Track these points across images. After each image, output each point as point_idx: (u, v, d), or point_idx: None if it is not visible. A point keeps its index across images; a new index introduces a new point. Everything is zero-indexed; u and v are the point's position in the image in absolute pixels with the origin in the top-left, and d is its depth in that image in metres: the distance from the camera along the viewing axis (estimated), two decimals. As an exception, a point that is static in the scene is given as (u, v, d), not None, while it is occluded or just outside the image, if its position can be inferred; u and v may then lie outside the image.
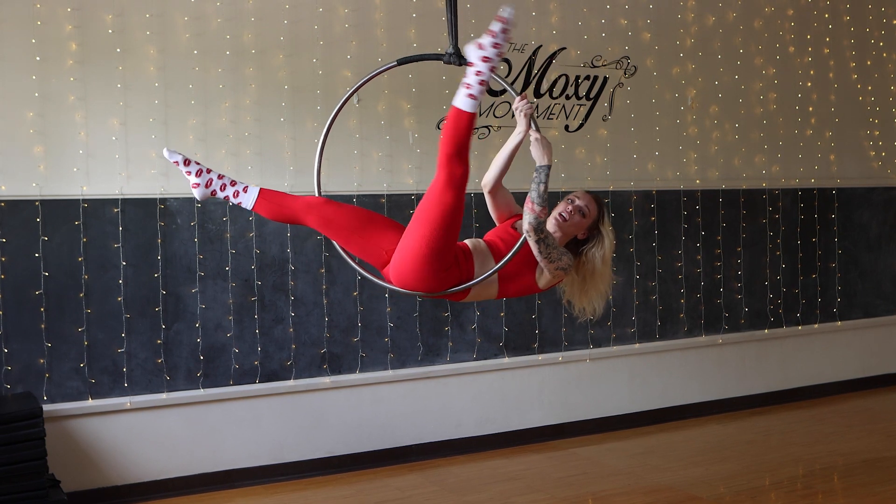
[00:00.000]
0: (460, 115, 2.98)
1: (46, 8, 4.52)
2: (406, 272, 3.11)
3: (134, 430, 4.71)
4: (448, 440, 5.44)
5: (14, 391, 4.49)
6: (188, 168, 3.21)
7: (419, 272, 3.09)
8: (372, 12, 5.21)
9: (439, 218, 3.03)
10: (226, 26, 4.87)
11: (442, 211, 3.03)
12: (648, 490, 4.70)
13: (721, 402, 6.29)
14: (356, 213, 3.22)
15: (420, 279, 3.12)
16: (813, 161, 6.65)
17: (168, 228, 4.78)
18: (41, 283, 4.53)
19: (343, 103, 3.43)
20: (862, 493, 4.54)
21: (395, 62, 3.36)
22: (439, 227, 3.04)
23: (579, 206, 3.33)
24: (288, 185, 4.99)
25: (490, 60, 3.00)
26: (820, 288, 6.67)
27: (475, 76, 2.98)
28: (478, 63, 2.99)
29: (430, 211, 3.04)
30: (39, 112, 4.52)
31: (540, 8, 5.65)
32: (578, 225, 3.33)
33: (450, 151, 3.00)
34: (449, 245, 3.10)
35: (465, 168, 3.03)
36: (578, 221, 3.33)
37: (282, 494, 4.79)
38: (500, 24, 3.01)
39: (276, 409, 5.00)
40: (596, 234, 3.37)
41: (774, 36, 6.46)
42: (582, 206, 3.33)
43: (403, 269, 3.11)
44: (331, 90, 5.11)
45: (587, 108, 5.81)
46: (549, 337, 5.71)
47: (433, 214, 3.04)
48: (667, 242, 6.08)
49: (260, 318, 4.97)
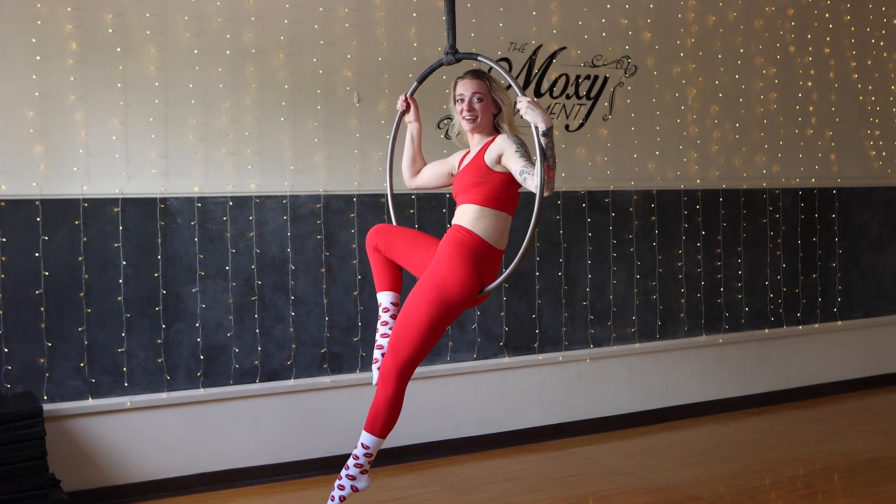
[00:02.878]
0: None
1: (46, 7, 4.52)
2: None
3: (134, 430, 4.71)
4: (448, 440, 5.44)
5: (14, 391, 4.49)
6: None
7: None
8: (372, 12, 5.21)
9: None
10: (226, 26, 4.88)
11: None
12: (649, 490, 4.70)
13: (721, 401, 6.29)
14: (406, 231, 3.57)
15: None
16: (813, 161, 6.65)
17: (168, 228, 4.78)
18: (41, 282, 4.53)
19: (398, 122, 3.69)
20: (862, 493, 4.54)
21: (446, 60, 3.46)
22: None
23: (470, 96, 3.38)
24: (288, 185, 5.00)
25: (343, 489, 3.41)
26: (820, 288, 6.66)
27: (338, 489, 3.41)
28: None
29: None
30: (39, 111, 4.52)
31: (540, 7, 5.65)
32: (485, 108, 3.38)
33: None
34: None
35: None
36: (483, 107, 3.38)
37: (282, 494, 4.79)
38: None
39: (276, 408, 5.01)
40: (498, 102, 3.43)
41: (775, 36, 6.46)
42: (470, 94, 3.38)
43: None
44: (331, 90, 5.11)
45: (587, 108, 5.81)
46: (549, 336, 5.71)
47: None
48: (667, 242, 6.08)
49: (260, 318, 4.97)
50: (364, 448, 3.34)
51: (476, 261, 3.30)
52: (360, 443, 3.35)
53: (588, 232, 5.80)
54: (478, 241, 3.32)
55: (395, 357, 3.31)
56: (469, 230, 3.34)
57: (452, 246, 3.32)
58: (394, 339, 3.33)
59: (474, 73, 3.43)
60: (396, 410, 3.32)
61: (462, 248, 3.31)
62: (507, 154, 3.25)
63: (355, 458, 3.36)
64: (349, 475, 3.37)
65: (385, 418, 3.31)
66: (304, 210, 5.06)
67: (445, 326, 3.34)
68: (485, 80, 3.41)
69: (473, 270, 3.29)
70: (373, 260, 3.56)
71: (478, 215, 3.34)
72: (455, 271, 3.28)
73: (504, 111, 3.44)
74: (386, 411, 3.30)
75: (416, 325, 3.28)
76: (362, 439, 3.34)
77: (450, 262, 3.30)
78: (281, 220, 5.01)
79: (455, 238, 3.34)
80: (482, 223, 3.34)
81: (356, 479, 3.37)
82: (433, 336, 3.31)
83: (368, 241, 3.55)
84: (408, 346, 3.30)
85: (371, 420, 3.31)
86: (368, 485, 3.40)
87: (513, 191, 3.37)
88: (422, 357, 3.35)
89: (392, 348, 3.33)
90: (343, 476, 3.38)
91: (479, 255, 3.32)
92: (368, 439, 3.32)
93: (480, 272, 3.32)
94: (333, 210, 5.13)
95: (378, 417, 3.31)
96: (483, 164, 3.32)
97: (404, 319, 3.32)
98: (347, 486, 3.38)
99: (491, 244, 3.35)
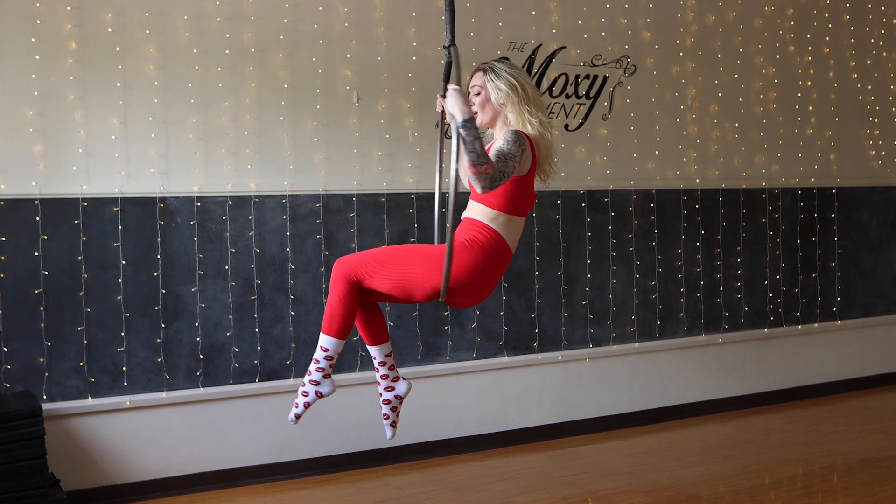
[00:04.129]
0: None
1: (46, 7, 4.52)
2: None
3: (133, 429, 4.71)
4: (448, 439, 5.44)
5: (14, 390, 4.49)
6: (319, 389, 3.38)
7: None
8: (372, 11, 5.21)
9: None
10: (225, 25, 4.87)
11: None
12: (648, 489, 4.70)
13: (721, 401, 6.29)
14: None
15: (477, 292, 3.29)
16: (813, 160, 6.65)
17: (168, 227, 4.78)
18: (41, 281, 4.53)
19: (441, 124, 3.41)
20: (861, 493, 4.54)
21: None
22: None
23: (472, 90, 3.30)
24: (287, 184, 5.00)
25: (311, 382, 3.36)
26: (820, 287, 6.67)
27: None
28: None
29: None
30: (39, 111, 4.52)
31: (540, 7, 5.65)
32: (484, 102, 3.28)
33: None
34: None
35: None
36: (481, 100, 3.27)
37: (282, 493, 4.79)
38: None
39: (275, 408, 5.00)
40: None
41: (774, 35, 6.46)
42: (472, 87, 3.30)
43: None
44: (330, 89, 5.11)
45: (587, 108, 5.82)
46: (548, 336, 5.71)
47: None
48: (666, 242, 6.08)
49: (260, 317, 4.97)
50: (323, 350, 3.29)
51: (491, 258, 3.20)
52: (318, 346, 3.31)
53: (587, 231, 5.80)
54: (497, 238, 3.22)
55: (356, 269, 3.23)
56: (485, 224, 3.22)
57: (466, 239, 3.22)
58: (372, 257, 3.26)
59: (478, 67, 3.34)
60: (346, 312, 3.25)
61: (475, 243, 3.19)
62: (495, 145, 3.15)
63: (316, 362, 3.31)
64: (312, 380, 3.32)
65: (335, 319, 3.25)
66: (303, 209, 5.06)
67: (415, 301, 3.26)
68: (485, 73, 3.29)
69: (485, 268, 3.21)
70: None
71: (489, 217, 3.23)
72: (466, 260, 3.18)
73: (509, 103, 3.26)
74: (335, 312, 3.24)
75: (402, 273, 3.19)
76: (320, 342, 3.30)
77: (464, 252, 3.18)
78: (280, 220, 5.01)
79: (471, 229, 3.23)
80: (495, 223, 3.24)
81: (319, 385, 3.33)
82: (403, 296, 3.23)
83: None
84: (378, 278, 3.21)
85: (326, 321, 3.27)
86: (332, 390, 3.34)
87: (520, 192, 3.22)
88: (376, 298, 3.30)
89: (363, 262, 3.24)
90: (306, 382, 3.33)
91: (495, 252, 3.21)
92: (326, 340, 3.28)
93: (492, 272, 3.23)
94: (333, 209, 5.13)
95: (329, 318, 3.26)
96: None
97: (400, 258, 3.23)
98: (312, 391, 3.33)
99: (507, 243, 3.24)
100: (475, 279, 3.19)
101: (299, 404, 3.34)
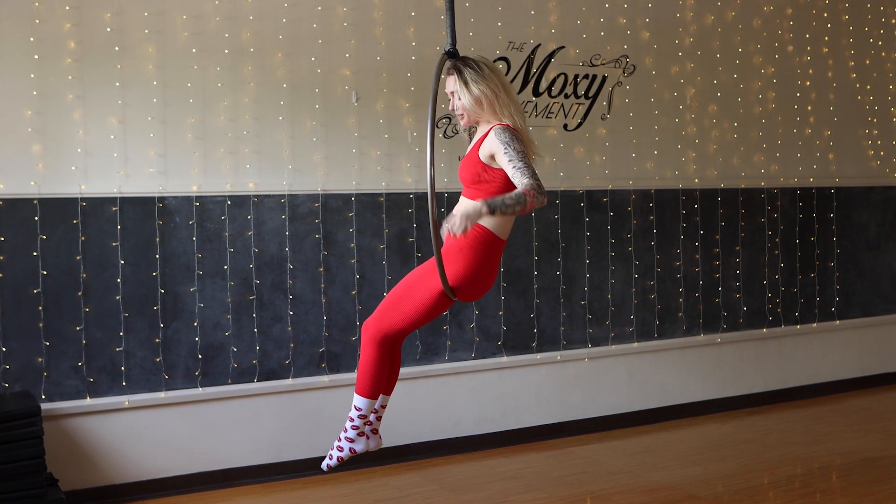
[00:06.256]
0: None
1: (45, 6, 4.52)
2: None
3: (132, 429, 4.71)
4: (446, 439, 5.44)
5: (12, 390, 4.48)
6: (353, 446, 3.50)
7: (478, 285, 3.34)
8: (370, 11, 5.20)
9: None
10: (224, 25, 4.87)
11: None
12: (647, 489, 4.70)
13: (719, 401, 6.30)
14: (393, 295, 3.38)
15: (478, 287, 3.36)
16: (811, 160, 6.65)
17: (166, 227, 4.78)
18: (39, 281, 4.53)
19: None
20: (860, 493, 4.54)
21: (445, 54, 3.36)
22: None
23: (451, 95, 3.35)
24: (286, 184, 5.00)
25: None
26: (818, 287, 6.67)
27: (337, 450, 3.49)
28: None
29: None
30: (38, 110, 4.52)
31: (539, 7, 5.65)
32: (464, 104, 3.33)
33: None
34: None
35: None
36: (462, 103, 3.31)
37: (280, 493, 4.79)
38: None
39: (274, 407, 5.00)
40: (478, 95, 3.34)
41: (773, 35, 6.47)
42: (449, 93, 3.36)
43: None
44: (329, 89, 5.11)
45: (586, 107, 5.82)
46: (547, 336, 5.71)
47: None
48: (665, 242, 6.08)
49: (258, 317, 4.97)
50: (357, 410, 3.43)
51: (485, 252, 3.28)
52: (353, 405, 3.43)
53: (586, 231, 5.81)
54: (485, 233, 3.28)
55: (380, 323, 3.32)
56: (475, 223, 3.27)
57: (457, 243, 3.29)
58: (387, 305, 3.32)
59: (450, 70, 3.36)
60: (378, 373, 3.37)
61: (472, 241, 3.28)
62: (498, 156, 3.20)
63: (351, 420, 3.45)
64: (348, 437, 3.46)
65: (368, 380, 3.37)
66: (302, 209, 5.06)
67: (440, 311, 3.33)
68: (457, 75, 3.32)
69: (483, 262, 3.27)
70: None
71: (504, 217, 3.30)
72: (463, 260, 3.26)
73: (487, 100, 3.29)
74: (368, 374, 3.36)
75: (414, 300, 3.28)
76: (354, 401, 3.43)
77: (460, 254, 3.26)
78: (279, 220, 5.01)
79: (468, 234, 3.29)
80: (484, 219, 3.29)
81: (354, 442, 3.46)
82: (427, 316, 3.31)
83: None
84: (398, 318, 3.30)
85: (360, 383, 3.40)
86: (366, 449, 3.47)
87: (508, 185, 3.27)
88: (407, 333, 3.37)
89: (382, 314, 3.32)
90: (342, 438, 3.46)
91: (487, 247, 3.29)
92: (359, 401, 3.42)
93: (491, 264, 3.30)
94: (332, 209, 5.13)
95: (362, 379, 3.39)
96: (478, 160, 3.28)
97: (404, 290, 3.31)
98: (346, 447, 3.46)
99: (497, 234, 3.32)
100: (475, 277, 3.29)
101: (333, 457, 3.49)
